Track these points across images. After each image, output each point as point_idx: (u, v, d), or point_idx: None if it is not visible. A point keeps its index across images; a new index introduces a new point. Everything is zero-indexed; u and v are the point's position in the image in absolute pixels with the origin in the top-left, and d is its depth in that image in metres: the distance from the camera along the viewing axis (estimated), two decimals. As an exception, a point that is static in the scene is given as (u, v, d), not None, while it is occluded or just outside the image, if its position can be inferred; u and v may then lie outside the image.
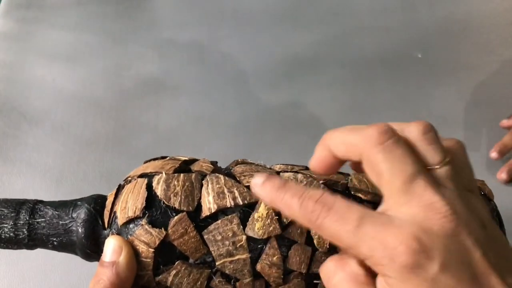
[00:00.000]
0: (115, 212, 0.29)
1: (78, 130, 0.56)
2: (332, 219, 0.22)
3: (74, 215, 0.30)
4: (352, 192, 0.30)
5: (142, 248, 0.28)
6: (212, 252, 0.28)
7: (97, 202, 0.31)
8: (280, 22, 0.70)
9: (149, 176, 0.30)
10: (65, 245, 0.30)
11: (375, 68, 0.63)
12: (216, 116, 0.58)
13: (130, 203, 0.29)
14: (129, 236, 0.28)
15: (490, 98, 0.60)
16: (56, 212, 0.30)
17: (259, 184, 0.25)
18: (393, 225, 0.21)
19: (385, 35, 0.68)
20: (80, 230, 0.30)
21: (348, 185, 0.31)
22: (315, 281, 0.29)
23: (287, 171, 0.32)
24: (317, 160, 0.26)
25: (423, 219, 0.21)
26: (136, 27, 0.69)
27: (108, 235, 0.29)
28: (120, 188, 0.31)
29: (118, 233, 0.29)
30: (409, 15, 0.70)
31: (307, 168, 0.33)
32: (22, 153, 0.54)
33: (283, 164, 0.33)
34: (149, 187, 0.29)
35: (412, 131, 0.24)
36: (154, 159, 0.33)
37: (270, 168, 0.32)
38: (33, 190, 0.51)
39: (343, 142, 0.25)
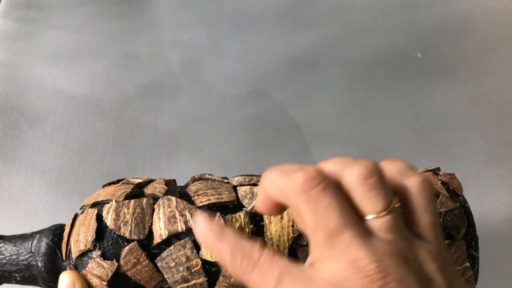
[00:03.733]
0: (70, 245, 0.29)
1: (78, 131, 0.56)
2: (256, 275, 0.21)
3: (33, 249, 0.30)
4: None
5: (95, 281, 0.27)
6: (167, 279, 0.27)
7: (55, 234, 0.30)
8: (280, 22, 0.70)
9: (100, 206, 0.29)
10: (28, 280, 0.30)
11: (375, 68, 0.63)
12: (215, 117, 0.58)
13: (81, 235, 0.28)
14: (83, 270, 0.28)
15: (490, 98, 0.59)
16: (16, 248, 0.30)
17: (197, 229, 0.24)
18: (311, 283, 0.20)
19: (385, 35, 0.68)
20: (40, 264, 0.29)
21: None
22: None
23: (244, 184, 0.31)
24: (259, 202, 0.25)
25: (344, 278, 0.19)
26: (136, 28, 0.69)
27: (67, 268, 0.29)
28: (75, 218, 0.30)
29: (75, 266, 0.28)
30: (409, 15, 0.70)
31: None
32: (22, 153, 0.54)
33: (241, 176, 0.33)
34: (99, 217, 0.28)
35: (352, 175, 0.22)
36: (110, 184, 0.33)
37: (228, 183, 0.32)
38: (33, 190, 0.51)
39: (274, 185, 0.23)
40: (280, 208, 0.24)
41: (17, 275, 0.30)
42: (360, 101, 0.60)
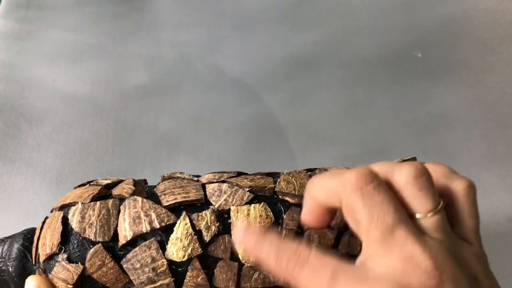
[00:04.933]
0: (39, 248, 0.29)
1: (78, 131, 0.56)
2: (306, 274, 0.21)
3: (4, 254, 0.30)
4: (280, 196, 0.29)
5: (61, 285, 0.27)
6: (133, 281, 0.27)
7: (26, 238, 0.30)
8: (279, 22, 0.70)
9: (66, 208, 0.29)
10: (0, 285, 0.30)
11: (375, 68, 0.63)
12: (215, 117, 0.58)
13: (48, 239, 0.28)
14: (49, 274, 0.28)
15: (490, 98, 0.59)
16: None
17: (240, 236, 0.24)
18: (368, 281, 0.20)
19: (385, 35, 0.68)
20: (10, 269, 0.29)
21: (276, 189, 0.30)
22: None
23: (213, 182, 0.31)
24: (306, 212, 0.24)
25: (401, 274, 0.19)
26: (136, 28, 0.69)
27: (36, 272, 0.29)
28: (44, 222, 0.30)
29: (44, 270, 0.28)
30: (409, 15, 0.70)
31: (239, 174, 0.32)
32: (22, 153, 0.54)
33: (211, 173, 0.32)
34: (65, 220, 0.28)
35: (402, 174, 0.22)
36: (80, 186, 0.33)
37: (197, 181, 0.31)
38: (33, 190, 0.51)
39: (324, 187, 0.23)
40: (329, 216, 0.24)
41: None
42: (360, 101, 0.60)
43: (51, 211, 0.31)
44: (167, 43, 0.67)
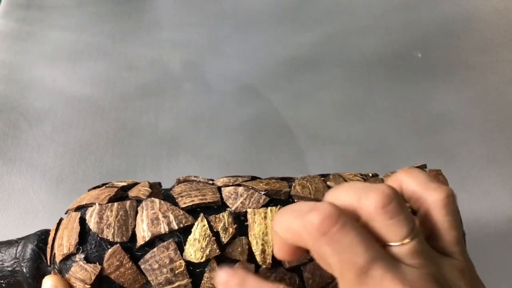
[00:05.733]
0: (54, 249, 0.29)
1: (78, 131, 0.56)
2: None
3: (18, 255, 0.30)
4: (296, 200, 0.30)
5: (78, 285, 0.27)
6: (151, 281, 0.27)
7: (40, 239, 0.31)
8: (280, 22, 0.70)
9: (83, 209, 0.29)
10: (13, 286, 0.30)
11: (375, 68, 0.63)
12: (216, 117, 0.58)
13: (65, 239, 0.28)
14: (66, 274, 0.28)
15: (490, 98, 0.59)
16: (0, 254, 0.30)
17: (223, 277, 0.23)
18: None
19: (385, 35, 0.68)
20: (24, 270, 0.30)
21: (291, 192, 0.30)
22: None
23: (229, 185, 0.31)
24: (277, 250, 0.23)
25: None
26: (136, 28, 0.69)
27: (51, 272, 0.29)
28: (59, 223, 0.30)
29: (59, 270, 0.28)
30: (409, 15, 0.70)
31: (253, 178, 0.32)
32: (22, 153, 0.54)
33: (226, 177, 0.32)
34: (83, 220, 0.28)
35: (369, 205, 0.20)
36: (95, 188, 0.33)
37: (213, 184, 0.32)
38: (33, 190, 0.51)
39: (287, 229, 0.22)
40: (301, 251, 0.23)
41: (2, 281, 0.30)
42: (360, 101, 0.60)
43: (66, 213, 0.31)
44: (167, 43, 0.67)
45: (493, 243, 0.46)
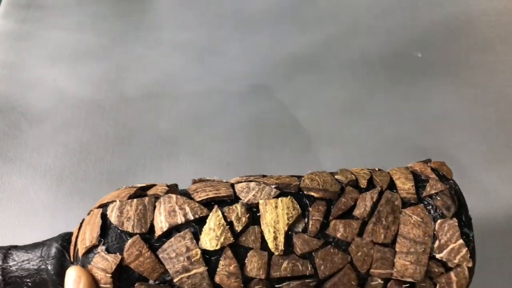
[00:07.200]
0: (77, 245, 0.31)
1: (78, 131, 0.56)
2: None
3: (44, 254, 0.32)
4: (305, 192, 0.31)
5: (100, 275, 0.28)
6: (169, 270, 0.28)
7: (64, 239, 0.32)
8: (280, 22, 0.70)
9: (105, 207, 0.31)
10: (38, 285, 0.32)
11: (375, 68, 0.63)
12: (215, 117, 0.58)
13: (87, 234, 0.30)
14: (88, 265, 0.29)
15: (490, 98, 0.60)
16: (27, 254, 0.32)
17: None
18: None
19: (385, 35, 0.68)
20: (49, 267, 0.31)
21: (300, 185, 0.31)
22: (276, 286, 0.29)
23: (241, 182, 0.32)
24: None
25: None
26: (136, 28, 0.69)
27: None
28: (82, 222, 0.32)
29: (82, 264, 0.30)
30: (409, 15, 0.70)
31: (264, 176, 0.34)
32: (22, 153, 0.54)
33: (239, 177, 0.34)
34: (104, 216, 0.30)
35: None
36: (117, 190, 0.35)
37: (226, 182, 0.33)
38: (33, 190, 0.51)
39: None
40: None
41: (28, 280, 0.31)
42: (360, 101, 0.60)
43: (89, 214, 0.32)
44: (167, 43, 0.67)
45: (493, 243, 0.46)
